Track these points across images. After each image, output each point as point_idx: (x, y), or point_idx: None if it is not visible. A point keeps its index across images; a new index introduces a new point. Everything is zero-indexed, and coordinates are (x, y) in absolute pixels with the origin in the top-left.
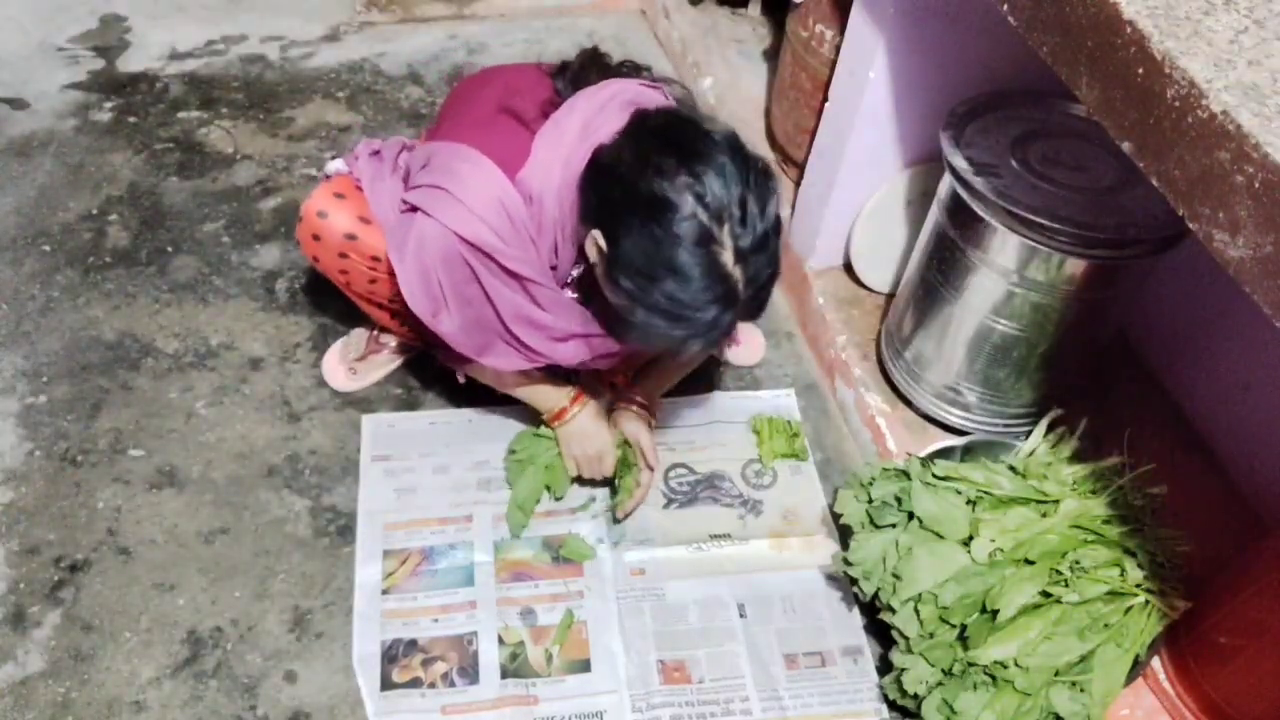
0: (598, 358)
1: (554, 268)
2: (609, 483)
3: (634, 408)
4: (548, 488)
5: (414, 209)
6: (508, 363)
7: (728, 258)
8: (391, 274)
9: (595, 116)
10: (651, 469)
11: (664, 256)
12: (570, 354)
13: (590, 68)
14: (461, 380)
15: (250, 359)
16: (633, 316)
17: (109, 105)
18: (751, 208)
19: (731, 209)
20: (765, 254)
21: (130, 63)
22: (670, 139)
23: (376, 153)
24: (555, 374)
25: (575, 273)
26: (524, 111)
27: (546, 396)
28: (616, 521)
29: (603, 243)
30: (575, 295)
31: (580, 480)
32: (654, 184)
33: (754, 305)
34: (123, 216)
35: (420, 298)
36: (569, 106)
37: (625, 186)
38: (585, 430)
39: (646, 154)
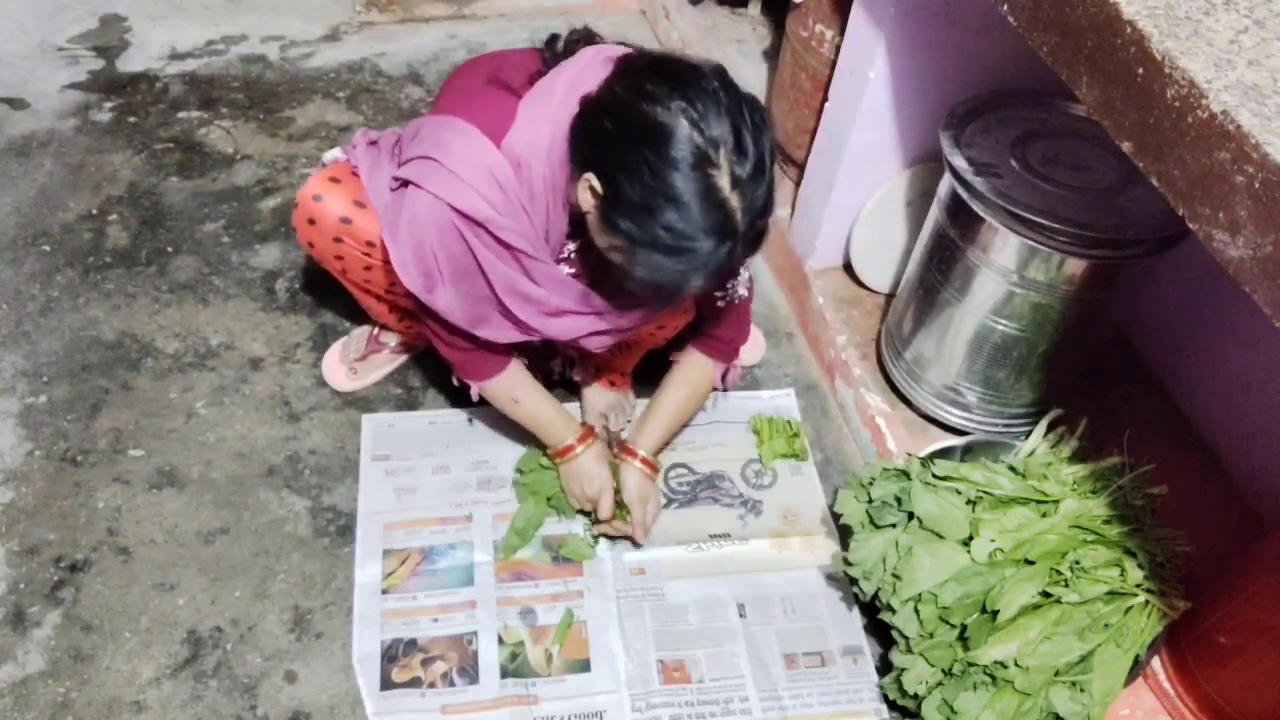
0: (591, 335)
1: (546, 239)
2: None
3: (637, 463)
4: (555, 509)
5: (406, 184)
6: (503, 335)
7: (725, 183)
8: (387, 261)
9: (580, 74)
10: (638, 539)
11: (661, 185)
12: (563, 330)
13: (579, 44)
14: (475, 398)
15: (250, 359)
16: (633, 257)
17: (109, 105)
18: (746, 136)
19: (726, 136)
20: (762, 183)
21: (130, 63)
22: (661, 71)
23: (374, 142)
24: (551, 355)
25: (572, 247)
26: (512, 81)
27: (554, 431)
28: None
29: (597, 184)
30: (571, 271)
31: (583, 512)
32: (647, 111)
33: (752, 238)
34: (123, 216)
35: (414, 272)
36: (554, 73)
37: (618, 119)
38: (587, 471)
39: (638, 85)
